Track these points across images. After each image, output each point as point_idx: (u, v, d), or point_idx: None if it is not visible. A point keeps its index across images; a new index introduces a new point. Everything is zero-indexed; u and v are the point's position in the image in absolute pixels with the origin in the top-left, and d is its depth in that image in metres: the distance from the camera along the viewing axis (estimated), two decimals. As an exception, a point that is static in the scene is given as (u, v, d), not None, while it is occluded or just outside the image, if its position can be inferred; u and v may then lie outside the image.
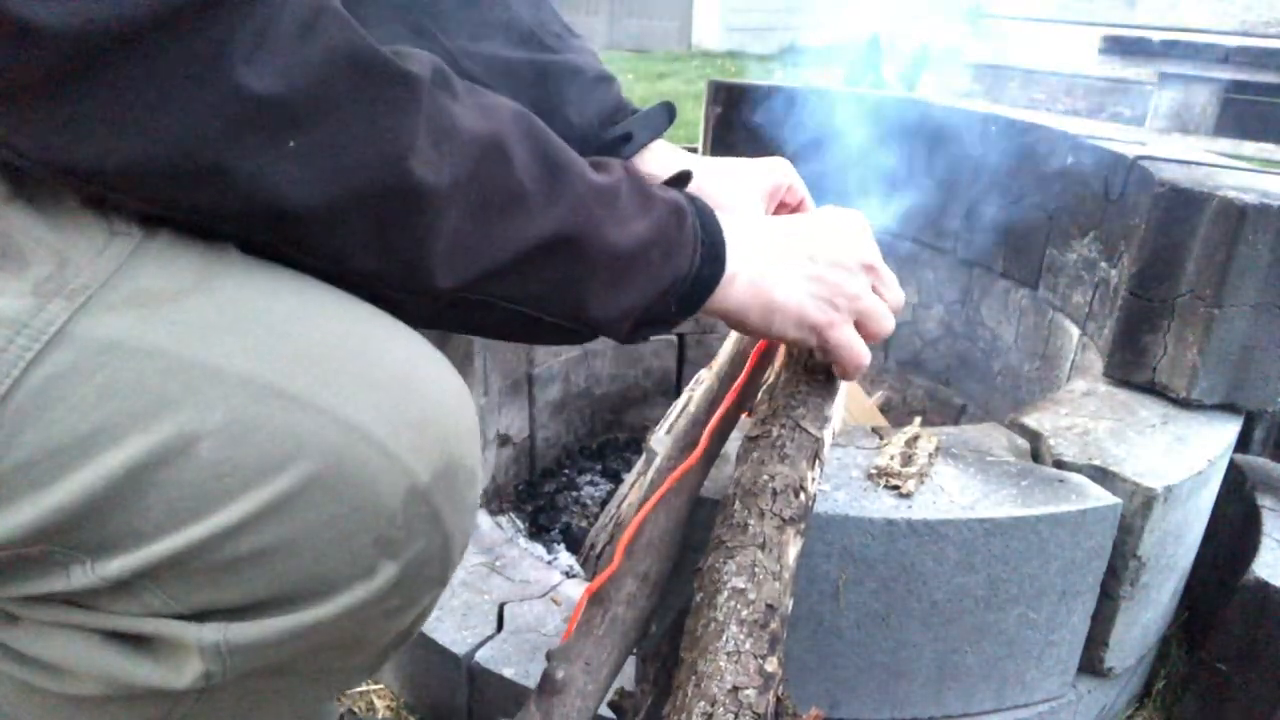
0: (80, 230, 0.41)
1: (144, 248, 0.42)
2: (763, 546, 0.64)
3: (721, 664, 0.56)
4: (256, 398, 0.42)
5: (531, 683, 0.92)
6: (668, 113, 0.81)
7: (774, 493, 0.68)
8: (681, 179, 0.69)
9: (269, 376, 0.42)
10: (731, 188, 0.79)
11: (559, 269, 0.52)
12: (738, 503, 0.68)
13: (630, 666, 0.86)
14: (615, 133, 0.78)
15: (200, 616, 0.45)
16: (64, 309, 0.39)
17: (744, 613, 0.59)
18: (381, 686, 1.10)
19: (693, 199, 0.62)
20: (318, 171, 0.41)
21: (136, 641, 0.46)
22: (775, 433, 0.73)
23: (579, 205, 0.52)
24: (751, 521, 0.66)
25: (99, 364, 0.39)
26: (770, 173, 0.83)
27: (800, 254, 0.65)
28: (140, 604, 0.44)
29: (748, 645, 0.58)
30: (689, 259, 0.59)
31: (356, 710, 1.06)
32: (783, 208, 0.86)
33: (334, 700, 0.81)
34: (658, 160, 0.81)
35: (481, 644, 0.98)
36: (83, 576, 0.42)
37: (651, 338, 0.76)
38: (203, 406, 0.41)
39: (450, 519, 0.48)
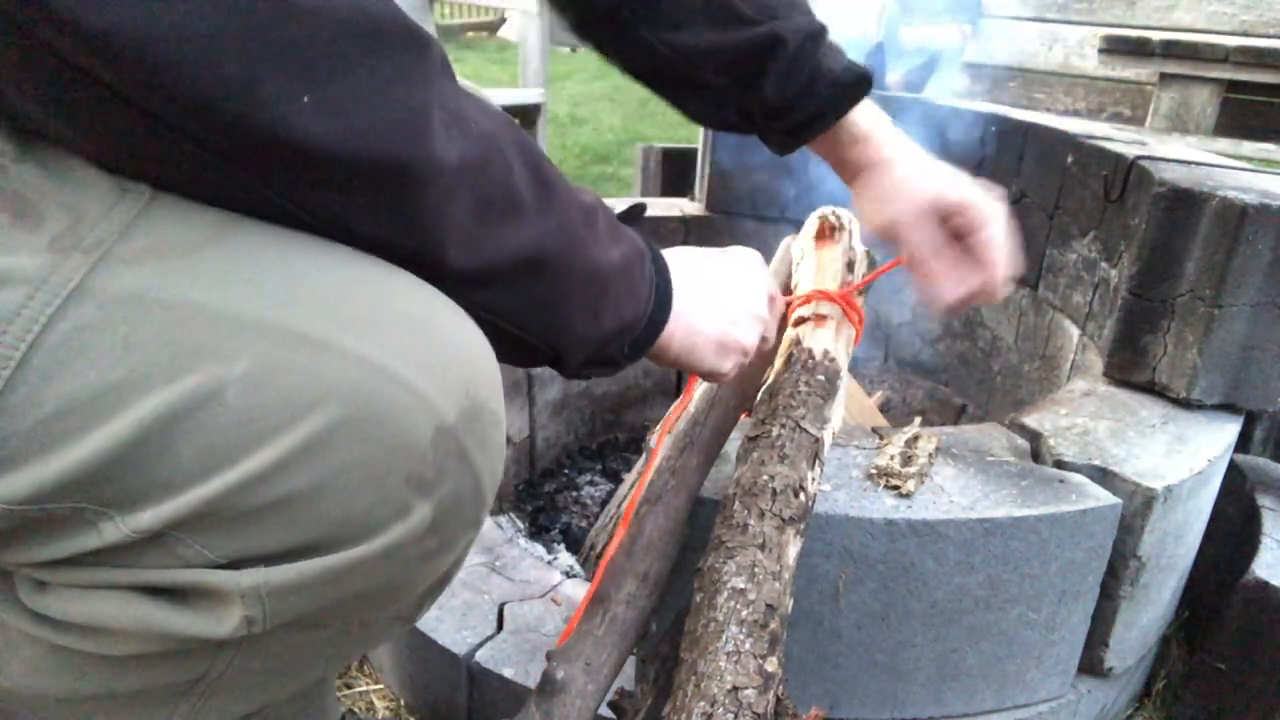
0: (91, 186, 0.41)
1: (155, 204, 0.42)
2: (762, 546, 0.64)
3: (721, 664, 0.56)
4: (281, 343, 0.42)
5: (531, 683, 0.92)
6: (862, 79, 0.81)
7: (774, 493, 0.68)
8: (633, 214, 0.70)
9: (292, 322, 0.42)
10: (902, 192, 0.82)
11: (542, 284, 0.52)
12: (737, 503, 0.68)
13: (630, 667, 0.86)
14: (807, 112, 0.81)
15: (236, 565, 0.45)
16: (81, 264, 0.39)
17: (744, 613, 0.59)
18: (381, 687, 1.10)
19: (648, 242, 0.63)
20: (336, 127, 0.40)
21: (174, 594, 0.46)
22: (775, 432, 0.73)
23: (567, 222, 0.53)
24: (751, 521, 0.66)
25: (120, 317, 0.40)
26: (947, 192, 0.82)
27: (715, 309, 0.67)
28: (174, 556, 0.44)
29: (747, 645, 0.58)
30: (645, 300, 0.60)
31: (356, 710, 1.06)
32: (956, 241, 0.85)
33: (336, 698, 0.81)
34: (863, 122, 0.83)
35: (481, 644, 0.98)
36: (114, 532, 0.42)
37: (594, 378, 0.77)
38: (227, 354, 0.41)
39: (479, 458, 0.49)
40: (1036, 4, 4.32)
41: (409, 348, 0.45)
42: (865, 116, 0.83)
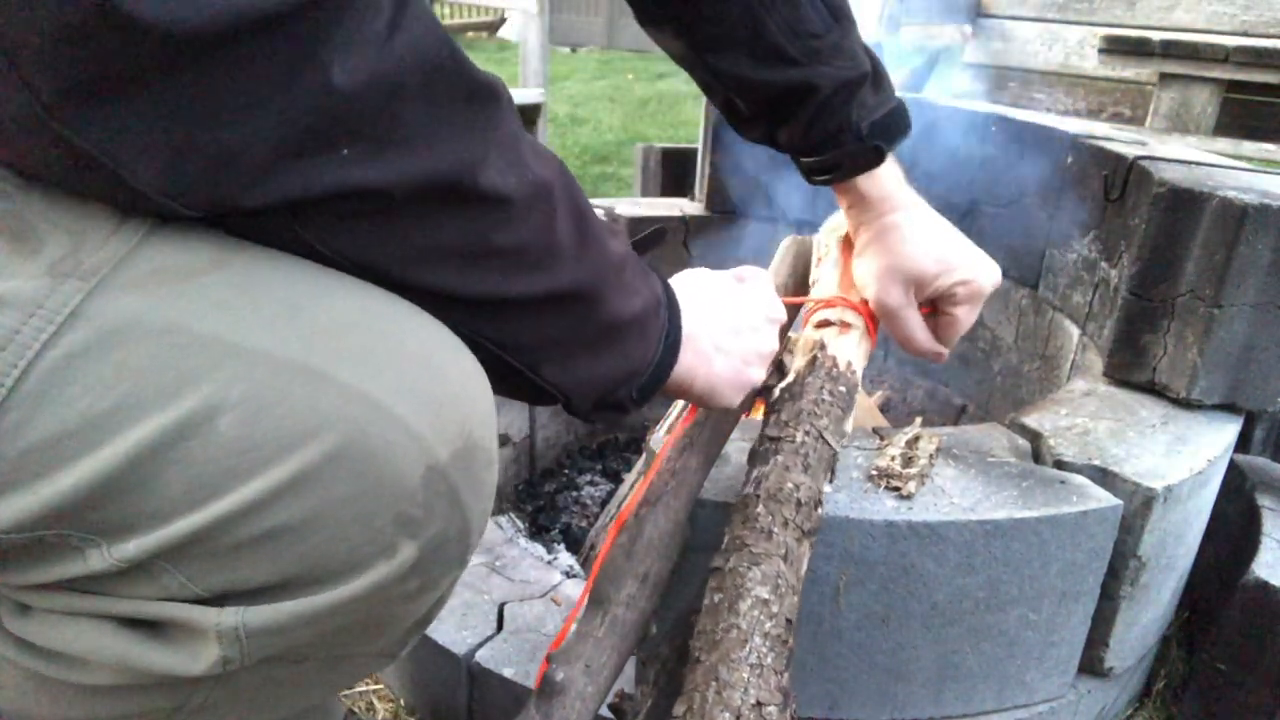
0: (93, 213, 0.41)
1: (157, 230, 0.41)
2: (785, 558, 0.64)
3: (745, 675, 0.56)
4: (276, 373, 0.41)
5: (531, 683, 0.92)
6: (874, 150, 0.83)
7: (798, 503, 0.67)
8: (652, 241, 0.70)
9: (289, 352, 0.42)
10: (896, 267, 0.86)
11: (561, 324, 0.52)
12: (761, 505, 0.67)
13: (630, 668, 0.86)
14: (824, 160, 0.83)
15: (219, 599, 0.44)
16: (78, 289, 0.39)
17: (767, 625, 0.59)
18: (381, 687, 1.10)
19: (666, 285, 0.63)
20: (379, 171, 0.41)
21: (152, 628, 0.45)
22: (799, 439, 0.73)
23: (599, 270, 0.53)
24: (776, 529, 0.65)
25: (115, 343, 0.39)
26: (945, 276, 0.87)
27: (732, 351, 0.68)
28: (157, 587, 0.43)
29: (769, 659, 0.57)
30: (655, 345, 0.60)
31: (356, 710, 1.06)
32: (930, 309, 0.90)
33: (339, 699, 0.81)
34: (874, 188, 0.85)
35: (481, 644, 0.98)
36: (100, 560, 0.42)
37: (603, 424, 0.78)
38: (222, 382, 0.40)
39: (469, 499, 0.48)
40: (1036, 4, 4.31)
41: (407, 383, 0.44)
42: (877, 182, 0.85)
